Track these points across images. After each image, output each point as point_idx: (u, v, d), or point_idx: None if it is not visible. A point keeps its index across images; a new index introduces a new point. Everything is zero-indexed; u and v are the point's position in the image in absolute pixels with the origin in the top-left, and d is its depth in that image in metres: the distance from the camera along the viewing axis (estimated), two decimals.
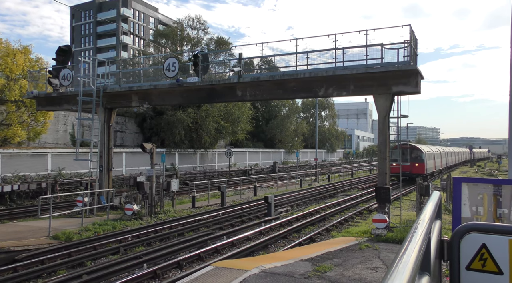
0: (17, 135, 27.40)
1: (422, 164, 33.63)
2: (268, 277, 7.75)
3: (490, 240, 2.61)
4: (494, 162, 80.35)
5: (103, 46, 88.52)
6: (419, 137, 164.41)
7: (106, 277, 10.24)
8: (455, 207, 5.85)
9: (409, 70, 13.53)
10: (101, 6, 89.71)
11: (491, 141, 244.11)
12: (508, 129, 8.39)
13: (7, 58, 26.99)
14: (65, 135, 35.10)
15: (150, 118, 39.50)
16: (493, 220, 5.80)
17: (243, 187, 29.95)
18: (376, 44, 14.36)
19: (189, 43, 47.04)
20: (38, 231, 14.79)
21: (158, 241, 14.32)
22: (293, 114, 64.31)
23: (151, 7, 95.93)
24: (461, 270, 2.67)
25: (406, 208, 20.58)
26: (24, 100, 27.40)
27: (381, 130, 14.65)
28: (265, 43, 16.35)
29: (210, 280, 7.45)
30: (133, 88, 19.61)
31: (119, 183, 28.65)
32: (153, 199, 18.73)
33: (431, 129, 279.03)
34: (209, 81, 17.76)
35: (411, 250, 1.51)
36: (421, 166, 33.56)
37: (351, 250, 10.81)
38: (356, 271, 8.64)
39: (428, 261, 2.01)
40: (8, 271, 10.62)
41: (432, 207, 2.67)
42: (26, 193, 22.82)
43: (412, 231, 1.82)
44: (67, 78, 20.97)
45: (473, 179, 7.09)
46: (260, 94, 17.02)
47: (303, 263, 9.12)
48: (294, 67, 15.93)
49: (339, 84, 15.28)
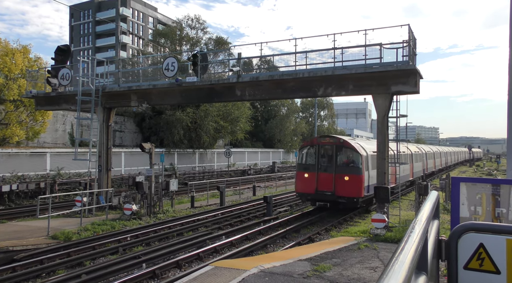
0: (16, 135, 27.36)
1: (356, 178, 17.77)
2: (267, 276, 7.75)
3: (488, 239, 2.61)
4: (493, 162, 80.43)
5: (102, 46, 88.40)
6: (418, 136, 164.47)
7: (105, 277, 10.24)
8: (453, 207, 5.86)
9: (408, 69, 13.54)
10: (100, 6, 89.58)
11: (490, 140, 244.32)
12: (507, 128, 8.39)
13: (5, 57, 26.94)
14: (64, 134, 35.06)
15: (149, 117, 39.47)
16: (491, 219, 5.81)
17: (242, 187, 29.94)
18: (375, 44, 14.38)
19: (188, 43, 46.98)
20: (37, 231, 14.78)
21: (157, 241, 14.31)
22: (292, 114, 64.27)
23: (150, 7, 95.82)
24: (458, 270, 2.67)
25: (405, 207, 20.59)
26: (23, 100, 27.36)
27: (380, 130, 14.66)
28: (264, 43, 16.41)
29: (209, 280, 7.45)
30: (132, 87, 19.59)
31: (118, 183, 28.62)
32: (152, 199, 18.71)
33: (430, 128, 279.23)
34: (208, 81, 17.76)
35: (408, 249, 1.51)
36: (355, 180, 17.77)
37: (350, 250, 10.82)
38: (355, 270, 8.65)
39: (425, 261, 2.02)
40: (7, 271, 10.62)
41: (430, 207, 2.68)
42: (25, 192, 22.79)
43: (409, 230, 1.82)
44: (66, 78, 20.96)
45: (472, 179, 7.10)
46: (259, 94, 17.02)
47: (302, 262, 9.13)
48: (293, 67, 15.94)
49: (338, 84, 15.29)
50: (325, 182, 18.07)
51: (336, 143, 18.47)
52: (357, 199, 17.60)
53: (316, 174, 18.26)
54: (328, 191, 18.02)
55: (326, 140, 18.85)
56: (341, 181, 17.76)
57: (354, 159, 18.16)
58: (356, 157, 18.09)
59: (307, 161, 19.15)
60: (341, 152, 18.49)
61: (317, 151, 18.58)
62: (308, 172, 18.63)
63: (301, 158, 19.44)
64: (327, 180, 18.08)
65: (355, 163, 18.06)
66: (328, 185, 18.05)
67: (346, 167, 18.14)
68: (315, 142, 19.06)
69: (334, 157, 18.24)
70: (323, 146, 18.63)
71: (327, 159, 18.50)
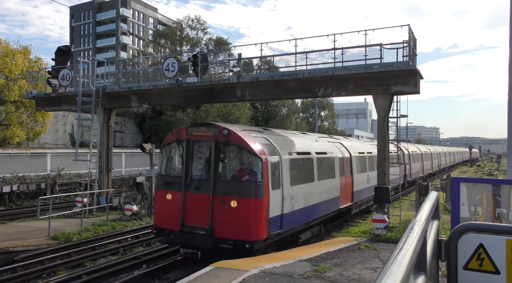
0: (17, 136, 27.40)
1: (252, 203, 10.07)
2: (267, 277, 7.75)
3: (487, 240, 2.61)
4: (494, 162, 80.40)
5: (102, 47, 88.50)
6: (418, 137, 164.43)
7: (106, 278, 10.25)
8: (453, 207, 5.86)
9: (408, 70, 13.53)
10: (100, 6, 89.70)
11: (490, 140, 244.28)
12: (507, 128, 8.39)
13: (6, 58, 26.99)
14: (65, 135, 35.09)
15: (150, 118, 39.50)
16: (491, 220, 5.80)
17: None
18: (375, 44, 14.37)
19: (188, 43, 47.03)
20: (37, 232, 14.78)
21: (157, 242, 14.32)
22: (292, 114, 64.25)
23: (150, 7, 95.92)
24: (458, 270, 2.67)
25: (405, 208, 20.58)
26: (23, 101, 27.39)
27: (380, 130, 14.65)
28: (265, 43, 16.38)
29: (209, 280, 7.45)
30: (133, 88, 19.60)
31: (119, 183, 28.64)
32: (152, 200, 18.72)
33: (431, 129, 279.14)
34: (208, 81, 17.76)
35: (406, 249, 1.51)
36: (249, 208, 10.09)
37: (350, 250, 10.81)
38: (356, 271, 8.65)
39: (424, 261, 2.02)
40: (8, 271, 10.63)
41: (429, 207, 2.68)
42: (26, 193, 22.81)
43: (408, 231, 1.82)
44: (67, 79, 20.97)
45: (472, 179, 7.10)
46: (260, 94, 17.01)
47: (303, 263, 9.13)
48: (294, 67, 15.93)
49: (338, 84, 15.28)
50: (197, 209, 10.38)
51: (217, 137, 10.54)
52: (252, 244, 9.75)
53: (183, 195, 10.58)
54: (201, 227, 10.20)
55: (201, 131, 10.95)
56: (224, 209, 10.06)
57: (250, 168, 10.30)
58: (255, 163, 10.18)
59: (170, 170, 11.68)
60: (226, 153, 10.75)
61: (186, 152, 10.90)
62: (171, 191, 10.90)
63: (162, 164, 11.80)
64: (200, 207, 10.31)
65: (252, 176, 10.13)
66: (202, 215, 10.24)
67: (234, 184, 10.33)
68: (184, 136, 11.08)
69: (213, 164, 10.46)
70: (197, 142, 10.98)
71: (203, 167, 10.73)
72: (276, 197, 10.54)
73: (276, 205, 10.52)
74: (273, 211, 10.36)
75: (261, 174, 10.09)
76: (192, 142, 10.98)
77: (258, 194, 10.01)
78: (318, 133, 34.22)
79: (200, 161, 10.95)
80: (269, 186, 10.23)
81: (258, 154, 10.19)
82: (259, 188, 10.03)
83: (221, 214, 10.11)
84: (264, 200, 10.06)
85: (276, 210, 10.54)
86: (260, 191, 10.02)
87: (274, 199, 10.41)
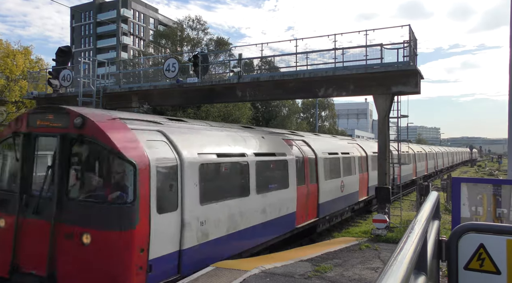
0: None
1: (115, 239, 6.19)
2: (268, 277, 7.76)
3: (488, 240, 2.61)
4: (495, 162, 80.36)
5: (103, 47, 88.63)
6: (419, 137, 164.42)
7: None
8: (454, 207, 5.87)
9: (408, 70, 13.53)
10: (101, 7, 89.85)
11: (491, 140, 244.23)
12: (508, 128, 8.39)
13: (7, 59, 27.06)
14: None
15: None
16: (492, 220, 5.81)
17: None
18: (376, 45, 14.38)
19: (189, 44, 47.07)
20: None
21: None
22: (293, 114, 64.28)
23: (151, 8, 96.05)
24: (459, 270, 2.67)
25: (406, 208, 20.57)
26: (24, 101, 27.46)
27: (381, 130, 14.64)
28: (265, 43, 16.38)
29: (210, 281, 7.46)
30: (133, 88, 19.63)
31: None
32: None
33: (432, 129, 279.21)
34: (209, 82, 17.78)
35: (407, 249, 1.51)
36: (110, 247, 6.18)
37: (351, 251, 10.81)
38: (356, 271, 8.65)
39: (424, 261, 2.02)
40: None
41: (430, 207, 2.68)
42: None
43: (408, 231, 1.82)
44: (67, 79, 21.01)
45: (473, 179, 7.10)
46: (260, 94, 17.03)
47: (303, 263, 9.13)
48: (294, 68, 15.96)
49: (339, 84, 15.29)
50: (35, 246, 6.77)
51: (67, 129, 6.91)
52: None
53: (15, 222, 6.96)
54: (37, 275, 6.59)
55: (48, 120, 7.24)
56: (73, 247, 6.45)
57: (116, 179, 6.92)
58: (123, 171, 6.66)
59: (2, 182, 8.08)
60: (80, 155, 7.33)
61: (24, 153, 7.50)
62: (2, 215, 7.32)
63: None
64: (38, 242, 6.71)
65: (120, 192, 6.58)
66: (39, 256, 6.58)
67: (90, 205, 6.69)
68: (23, 127, 7.47)
69: (57, 173, 6.94)
70: (41, 137, 7.44)
71: (44, 178, 7.25)
72: (167, 224, 6.98)
73: (167, 238, 6.98)
74: (160, 248, 6.77)
75: (132, 189, 6.37)
76: (34, 137, 7.39)
77: (125, 223, 6.27)
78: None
79: (45, 168, 7.34)
80: (149, 208, 6.54)
81: (128, 156, 6.42)
82: (127, 213, 6.31)
83: (69, 256, 6.42)
84: (137, 233, 6.29)
85: (167, 246, 6.99)
86: (129, 218, 6.27)
87: (162, 228, 6.81)
